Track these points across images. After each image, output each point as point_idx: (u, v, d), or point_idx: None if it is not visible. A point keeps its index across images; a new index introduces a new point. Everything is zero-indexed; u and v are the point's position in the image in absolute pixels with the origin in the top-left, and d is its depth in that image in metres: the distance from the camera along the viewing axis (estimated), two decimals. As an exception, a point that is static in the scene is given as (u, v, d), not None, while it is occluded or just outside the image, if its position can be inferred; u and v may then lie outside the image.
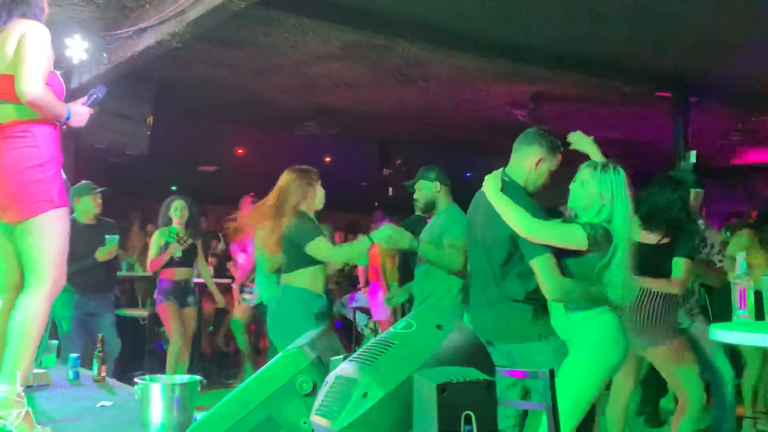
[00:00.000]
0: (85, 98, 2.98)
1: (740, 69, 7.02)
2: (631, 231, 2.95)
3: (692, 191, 4.27)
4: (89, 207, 5.40)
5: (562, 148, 3.17)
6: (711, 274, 4.41)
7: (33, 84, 2.64)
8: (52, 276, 2.70)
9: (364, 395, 1.42)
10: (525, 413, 3.05)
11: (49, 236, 2.72)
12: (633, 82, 7.36)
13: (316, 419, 1.48)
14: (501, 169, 3.15)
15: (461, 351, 1.50)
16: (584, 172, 2.97)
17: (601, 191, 2.89)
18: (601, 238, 2.84)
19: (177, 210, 5.97)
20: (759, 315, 3.23)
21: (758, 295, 3.34)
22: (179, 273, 5.95)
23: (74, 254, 5.18)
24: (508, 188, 3.04)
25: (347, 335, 8.28)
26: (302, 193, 3.84)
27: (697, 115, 7.63)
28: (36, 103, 2.67)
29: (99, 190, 5.44)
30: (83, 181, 5.45)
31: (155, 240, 5.99)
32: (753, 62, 6.77)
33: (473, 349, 1.53)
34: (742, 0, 5.39)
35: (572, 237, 2.86)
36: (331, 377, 1.52)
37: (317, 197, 3.92)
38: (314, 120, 9.12)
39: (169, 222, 6.01)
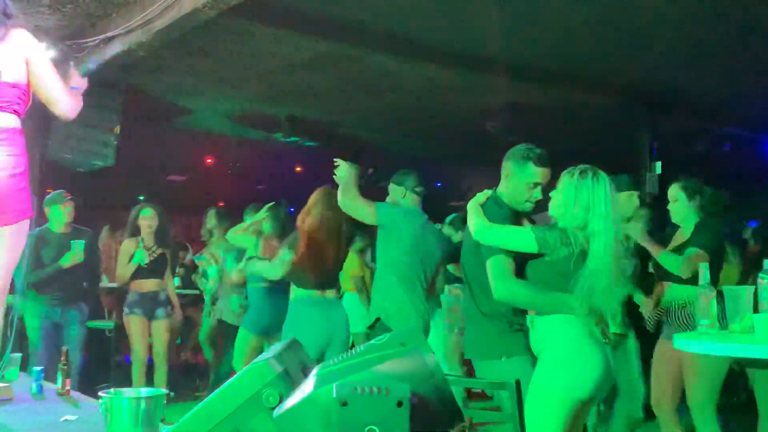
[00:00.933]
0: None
1: (705, 81, 7.15)
2: (618, 238, 2.83)
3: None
4: (60, 216, 5.39)
5: (538, 160, 3.08)
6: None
7: (68, 103, 2.90)
8: (5, 285, 2.69)
9: (303, 390, 1.43)
10: None
11: (17, 245, 2.73)
12: (600, 95, 7.46)
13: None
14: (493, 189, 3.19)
15: (407, 369, 1.47)
16: (562, 180, 2.91)
17: (576, 199, 2.80)
18: (553, 241, 2.77)
19: (145, 218, 5.88)
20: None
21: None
22: (147, 284, 5.82)
23: (42, 263, 5.20)
24: (488, 202, 3.07)
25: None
26: None
27: (663, 126, 7.75)
28: (76, 112, 2.96)
29: (69, 197, 5.45)
30: (50, 191, 5.44)
31: (123, 251, 5.88)
32: (717, 75, 6.91)
33: (423, 370, 1.49)
34: (707, 14, 5.50)
35: (520, 239, 2.83)
36: None
37: None
38: (285, 130, 9.10)
39: (137, 231, 5.91)
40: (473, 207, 3.03)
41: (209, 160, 11.91)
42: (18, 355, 3.91)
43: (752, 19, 5.51)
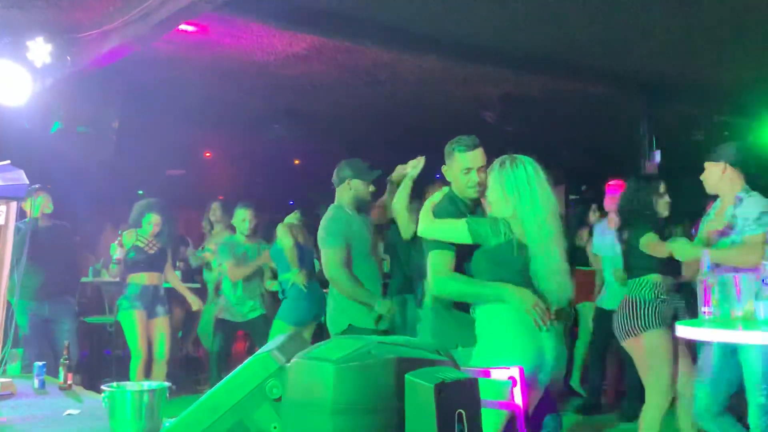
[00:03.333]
0: None
1: (704, 69, 7.14)
2: (552, 224, 2.89)
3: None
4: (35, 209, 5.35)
5: (462, 145, 3.22)
6: None
7: None
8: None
9: (365, 350, 1.49)
10: None
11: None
12: (598, 84, 7.45)
13: None
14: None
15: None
16: (489, 175, 3.04)
17: (503, 189, 2.94)
18: (484, 231, 2.88)
19: (149, 223, 5.87)
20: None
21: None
22: (147, 278, 5.78)
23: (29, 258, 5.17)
24: (443, 199, 3.19)
25: (319, 340, 8.27)
26: None
27: (662, 115, 7.74)
28: None
29: (38, 188, 5.39)
30: (50, 187, 5.41)
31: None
32: (716, 62, 6.90)
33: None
34: (705, 3, 5.48)
35: (455, 232, 2.93)
36: None
37: None
38: (282, 122, 9.08)
39: (138, 226, 5.90)
40: (425, 206, 3.13)
41: (208, 154, 11.90)
42: (19, 350, 3.92)
43: (751, 6, 5.50)
